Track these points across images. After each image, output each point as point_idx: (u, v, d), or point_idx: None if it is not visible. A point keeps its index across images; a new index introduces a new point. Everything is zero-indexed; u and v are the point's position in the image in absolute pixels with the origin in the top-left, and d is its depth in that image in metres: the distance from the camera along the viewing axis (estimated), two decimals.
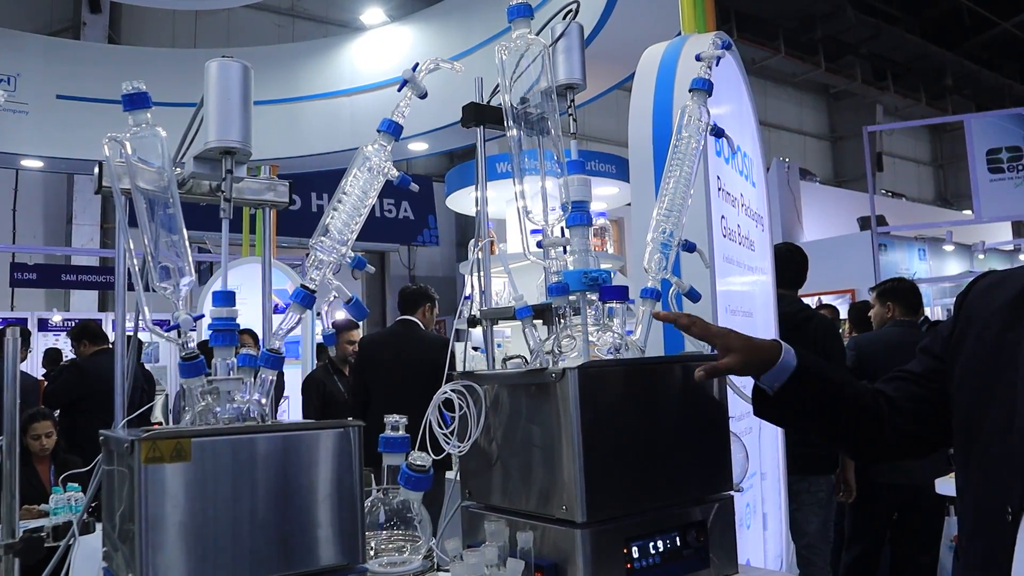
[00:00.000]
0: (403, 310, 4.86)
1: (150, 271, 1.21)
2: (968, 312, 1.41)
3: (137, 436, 1.08)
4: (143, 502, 1.08)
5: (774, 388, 1.46)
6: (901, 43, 20.97)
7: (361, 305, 1.36)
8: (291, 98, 8.22)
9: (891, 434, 1.45)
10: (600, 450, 1.47)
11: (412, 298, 4.88)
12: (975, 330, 1.37)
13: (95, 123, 7.43)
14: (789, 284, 3.89)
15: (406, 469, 1.34)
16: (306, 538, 1.18)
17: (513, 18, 1.78)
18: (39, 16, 13.27)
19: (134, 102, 1.24)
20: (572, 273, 1.70)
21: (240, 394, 1.26)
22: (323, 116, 8.08)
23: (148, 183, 1.21)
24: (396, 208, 16.72)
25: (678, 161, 1.81)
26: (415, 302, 4.85)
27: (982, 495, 1.28)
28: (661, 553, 1.56)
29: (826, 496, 3.73)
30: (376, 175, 1.40)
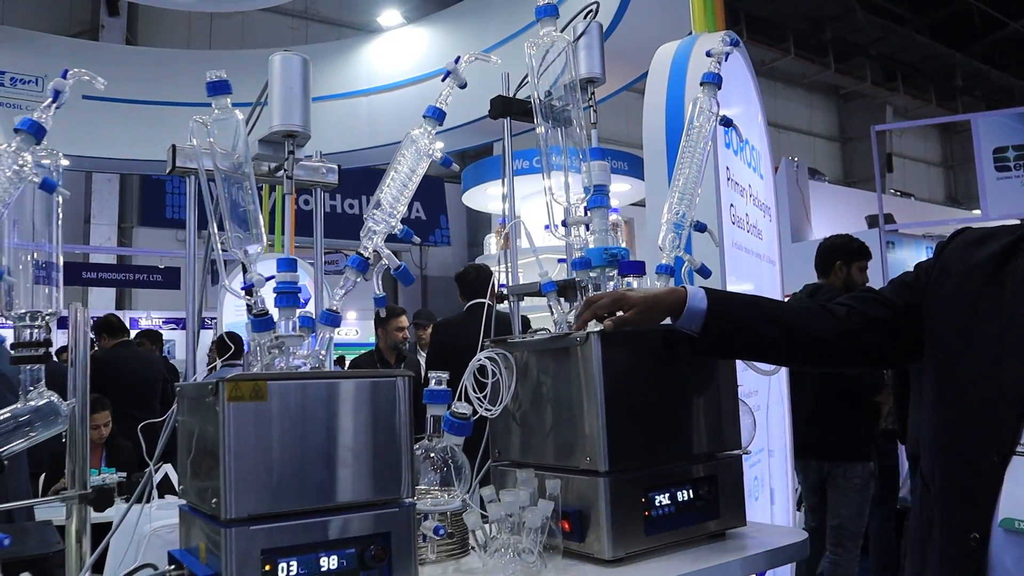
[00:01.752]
0: (471, 295, 4.64)
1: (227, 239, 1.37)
2: (947, 261, 1.55)
3: (221, 378, 1.24)
4: (227, 435, 1.24)
5: (694, 331, 1.62)
6: (911, 44, 21.06)
7: (408, 272, 1.52)
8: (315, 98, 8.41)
9: (846, 345, 1.60)
10: (620, 407, 1.62)
11: (478, 282, 4.64)
12: (954, 279, 1.51)
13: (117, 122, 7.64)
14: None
15: (449, 416, 1.50)
16: (361, 472, 1.34)
17: (540, 17, 1.94)
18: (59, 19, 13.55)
19: (217, 88, 1.40)
20: (594, 250, 1.86)
21: (301, 348, 1.42)
22: (341, 116, 8.27)
23: (224, 162, 1.37)
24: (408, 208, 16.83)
25: (690, 148, 1.96)
26: (484, 286, 4.60)
27: (962, 436, 1.41)
28: (675, 503, 1.71)
29: (861, 483, 3.84)
30: (421, 155, 1.56)
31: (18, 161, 1.33)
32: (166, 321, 13.60)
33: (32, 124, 1.38)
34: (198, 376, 1.68)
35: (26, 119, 1.39)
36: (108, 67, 8.55)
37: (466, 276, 4.74)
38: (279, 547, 1.25)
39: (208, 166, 1.41)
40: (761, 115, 3.41)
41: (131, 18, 14.31)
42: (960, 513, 1.38)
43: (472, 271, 4.79)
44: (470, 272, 4.77)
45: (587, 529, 1.61)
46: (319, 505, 1.30)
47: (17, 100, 7.73)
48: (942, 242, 1.62)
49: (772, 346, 1.69)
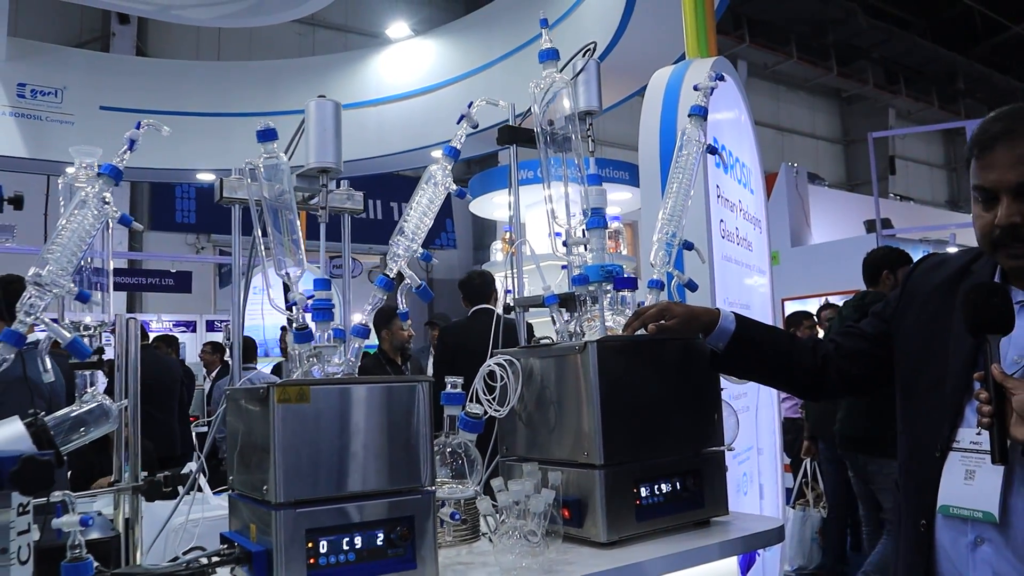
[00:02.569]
0: (475, 300, 4.86)
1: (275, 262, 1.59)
2: (912, 288, 1.77)
3: (273, 384, 1.46)
4: (276, 432, 1.46)
5: (720, 348, 1.90)
6: (913, 47, 21.22)
7: (428, 290, 1.74)
8: None
9: (835, 377, 1.85)
10: (614, 408, 1.84)
11: (483, 288, 4.88)
12: (918, 303, 1.73)
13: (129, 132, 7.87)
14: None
15: (464, 416, 1.72)
16: (389, 464, 1.56)
17: (543, 60, 2.15)
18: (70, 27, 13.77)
19: (266, 136, 1.63)
20: (592, 267, 2.08)
21: (335, 357, 1.64)
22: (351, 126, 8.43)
23: (272, 195, 1.59)
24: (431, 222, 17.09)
25: (678, 175, 2.18)
26: (488, 292, 4.86)
27: (916, 438, 1.64)
28: (663, 494, 1.92)
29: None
30: (439, 188, 1.79)
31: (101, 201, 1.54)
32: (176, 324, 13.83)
33: (112, 169, 1.60)
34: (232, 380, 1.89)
35: (107, 165, 1.61)
36: (122, 78, 8.80)
37: (471, 282, 4.97)
38: (320, 527, 1.47)
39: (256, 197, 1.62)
40: (752, 131, 3.62)
41: (141, 26, 14.55)
42: (914, 504, 1.59)
43: (476, 278, 5.03)
44: (474, 279, 5.01)
45: (585, 516, 1.83)
46: (353, 492, 1.52)
47: (37, 111, 7.98)
48: (908, 270, 1.84)
49: (775, 373, 1.98)
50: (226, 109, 8.43)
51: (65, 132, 8.00)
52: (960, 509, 1.47)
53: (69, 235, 1.52)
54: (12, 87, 7.89)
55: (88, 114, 8.13)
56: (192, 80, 8.88)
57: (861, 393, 1.99)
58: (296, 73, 8.97)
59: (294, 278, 1.61)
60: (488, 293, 4.86)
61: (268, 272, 1.57)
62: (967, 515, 1.46)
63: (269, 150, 1.61)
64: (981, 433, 1.45)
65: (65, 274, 1.50)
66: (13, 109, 7.86)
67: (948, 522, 1.50)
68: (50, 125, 7.94)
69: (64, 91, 8.08)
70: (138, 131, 1.63)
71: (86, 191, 1.55)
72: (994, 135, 1.48)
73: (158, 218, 15.36)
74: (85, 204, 1.53)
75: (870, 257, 4.71)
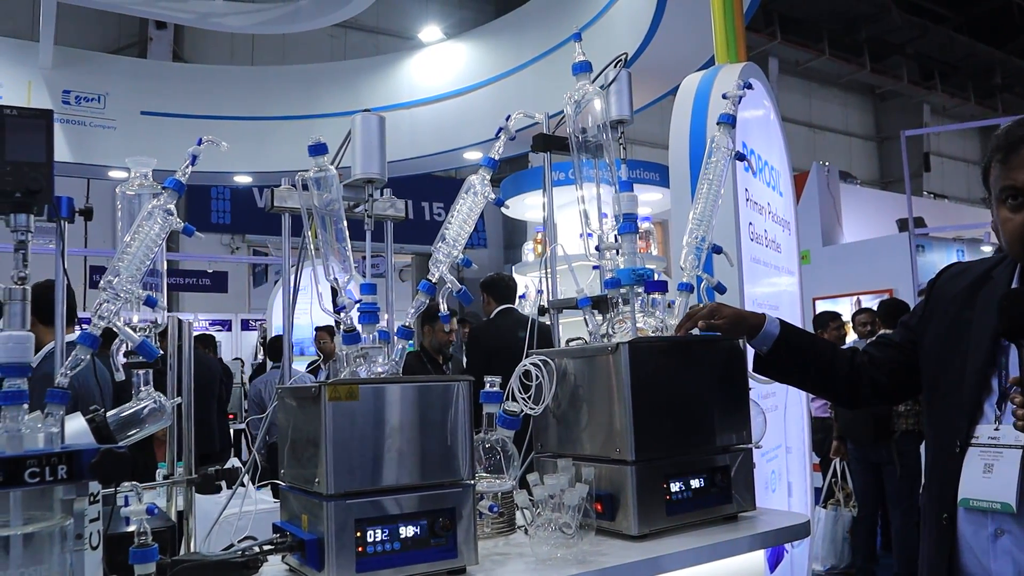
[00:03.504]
0: (503, 301, 5.11)
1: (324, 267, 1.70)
2: (937, 295, 1.84)
3: (324, 383, 1.56)
4: (327, 428, 1.56)
5: (763, 351, 1.97)
6: (948, 42, 20.92)
7: (468, 294, 1.83)
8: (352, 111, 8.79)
9: (868, 386, 1.92)
10: (645, 406, 1.92)
11: (509, 290, 5.21)
12: (940, 309, 1.80)
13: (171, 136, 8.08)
14: None
15: (502, 413, 1.81)
16: (433, 459, 1.66)
17: (576, 72, 2.24)
18: (109, 33, 14.09)
19: (317, 150, 1.74)
20: (623, 271, 2.16)
21: (380, 357, 1.74)
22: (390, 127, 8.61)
23: (323, 205, 1.70)
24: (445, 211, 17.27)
25: (707, 181, 2.25)
26: (512, 293, 5.21)
27: (938, 436, 1.70)
28: (693, 489, 2.00)
29: None
30: (479, 198, 1.88)
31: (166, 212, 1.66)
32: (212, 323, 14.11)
33: (176, 183, 1.71)
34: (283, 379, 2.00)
35: (171, 179, 1.72)
36: (161, 83, 9.02)
37: (502, 283, 5.25)
38: (368, 517, 1.57)
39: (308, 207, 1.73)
40: (781, 134, 3.67)
41: (177, 31, 14.85)
42: (936, 498, 1.66)
43: (507, 279, 5.31)
44: (506, 280, 5.30)
45: (617, 510, 1.91)
46: (398, 484, 1.62)
47: (82, 117, 8.21)
48: (932, 279, 1.90)
49: (815, 379, 2.06)
50: (262, 113, 8.60)
51: (108, 137, 8.22)
52: (979, 501, 1.53)
53: (138, 245, 1.63)
54: (58, 94, 8.14)
55: (129, 119, 8.34)
56: (229, 84, 9.06)
57: (892, 401, 2.08)
58: (330, 77, 9.13)
59: (343, 283, 1.70)
60: (512, 295, 5.18)
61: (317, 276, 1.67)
62: (986, 507, 1.52)
63: (320, 163, 1.72)
64: (999, 428, 1.52)
65: (135, 281, 1.61)
66: (59, 116, 8.10)
67: (969, 515, 1.57)
68: (93, 131, 8.17)
69: (106, 97, 8.31)
70: (200, 147, 1.74)
71: (153, 204, 1.66)
72: (1022, 136, 1.54)
73: (194, 219, 15.65)
74: (151, 216, 1.65)
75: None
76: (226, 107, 8.67)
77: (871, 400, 1.97)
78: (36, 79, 8.03)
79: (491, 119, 4.36)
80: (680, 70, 3.02)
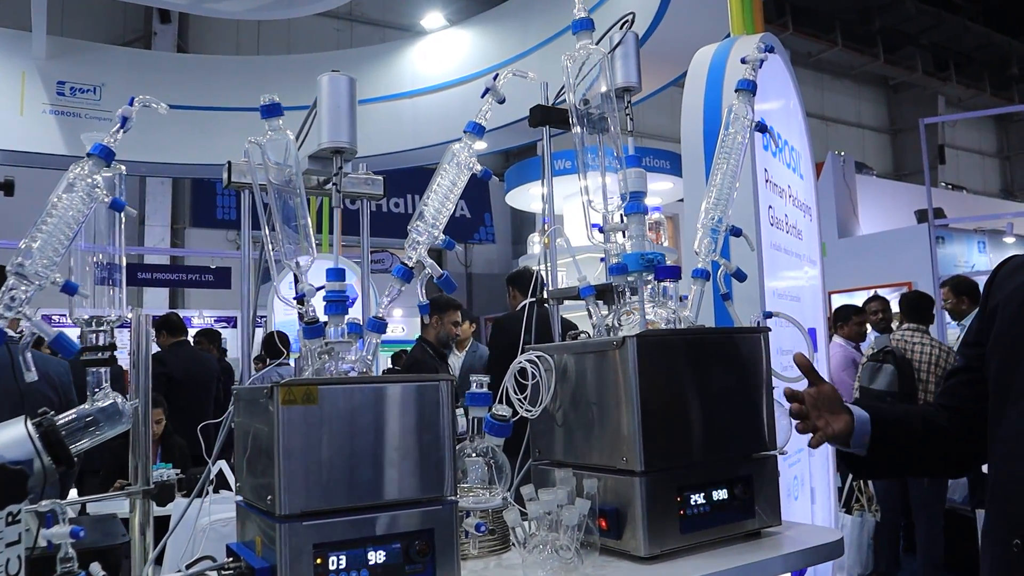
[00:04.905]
0: (528, 293, 4.81)
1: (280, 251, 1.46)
2: (995, 294, 1.58)
3: (277, 383, 1.32)
4: (280, 437, 1.32)
5: (862, 453, 1.61)
6: (963, 32, 20.55)
7: (451, 280, 1.59)
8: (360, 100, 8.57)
9: (966, 442, 1.59)
10: (656, 408, 1.68)
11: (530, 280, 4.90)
12: (1001, 308, 1.53)
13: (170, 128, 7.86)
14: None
15: (490, 419, 1.57)
16: (406, 471, 1.42)
17: (577, 31, 1.99)
18: (114, 27, 13.96)
19: (270, 111, 1.49)
20: (631, 255, 1.91)
21: (349, 354, 1.50)
22: (386, 118, 8.38)
23: (278, 178, 1.46)
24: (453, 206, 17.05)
25: (725, 155, 2.00)
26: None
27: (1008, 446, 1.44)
28: (710, 503, 1.75)
29: None
30: (462, 168, 1.63)
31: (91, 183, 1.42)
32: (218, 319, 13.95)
33: (103, 149, 1.48)
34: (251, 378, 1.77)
35: (97, 144, 1.49)
36: (161, 74, 8.79)
37: (525, 277, 4.85)
38: (330, 542, 1.33)
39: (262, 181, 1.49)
40: (802, 115, 3.41)
41: (182, 25, 14.69)
42: (1004, 520, 1.41)
43: (528, 273, 4.89)
44: (530, 273, 4.92)
45: (624, 527, 1.67)
46: (367, 502, 1.38)
47: (76, 109, 7.99)
48: (988, 279, 1.64)
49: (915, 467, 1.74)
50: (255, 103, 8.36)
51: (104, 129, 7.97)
52: None
53: (55, 223, 1.39)
54: (52, 85, 7.92)
55: None
56: (229, 75, 8.83)
57: None
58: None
59: (304, 268, 1.47)
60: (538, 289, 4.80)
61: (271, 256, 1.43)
62: None
63: (274, 127, 1.47)
64: None
65: (51, 264, 1.38)
66: (53, 107, 7.90)
67: None
68: (89, 122, 7.96)
69: (102, 88, 8.09)
70: (131, 107, 1.51)
71: (74, 172, 1.42)
72: None
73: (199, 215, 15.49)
74: (73, 188, 1.41)
75: None
76: (227, 98, 8.44)
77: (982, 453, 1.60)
78: (30, 70, 7.82)
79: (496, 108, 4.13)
80: (692, 53, 2.78)
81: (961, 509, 5.39)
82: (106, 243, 1.87)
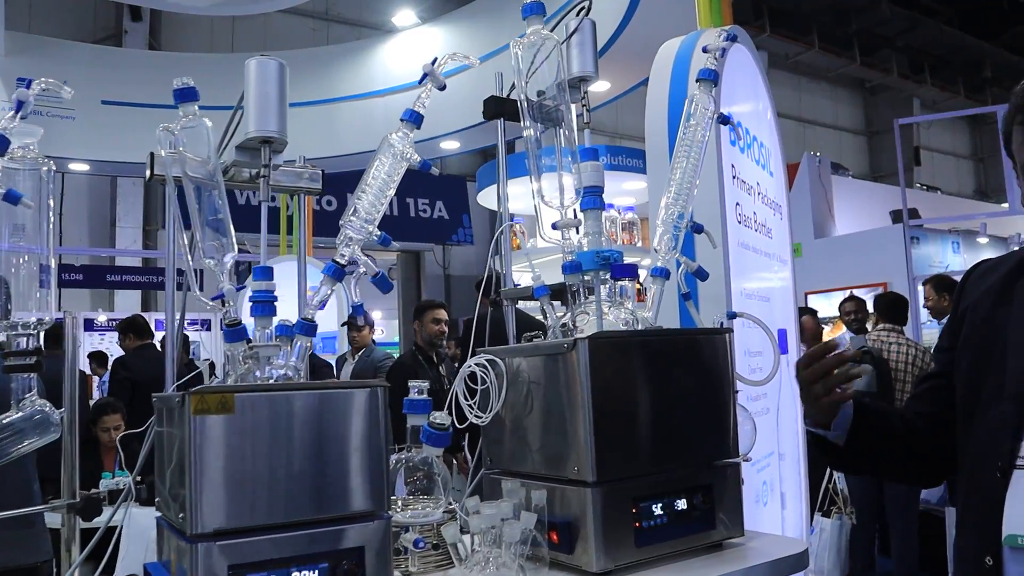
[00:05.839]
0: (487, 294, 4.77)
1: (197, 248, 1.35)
2: (965, 298, 1.51)
3: (187, 392, 1.22)
4: (192, 449, 1.21)
5: (840, 440, 1.53)
6: (938, 35, 20.67)
7: (387, 279, 1.49)
8: (326, 99, 8.41)
9: (941, 447, 1.50)
10: (609, 415, 1.58)
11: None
12: (970, 313, 1.46)
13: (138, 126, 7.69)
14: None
15: (427, 427, 1.47)
16: (335, 486, 1.31)
17: (527, 15, 1.89)
18: (84, 26, 13.70)
19: (184, 96, 1.38)
20: (585, 253, 1.81)
21: (278, 359, 1.40)
22: (357, 116, 8.25)
23: (196, 170, 1.35)
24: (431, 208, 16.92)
25: (685, 148, 1.91)
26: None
27: (976, 458, 1.36)
28: (668, 514, 1.66)
29: None
30: (399, 160, 1.53)
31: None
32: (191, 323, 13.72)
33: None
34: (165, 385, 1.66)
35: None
36: (130, 71, 8.61)
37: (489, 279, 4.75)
38: (248, 562, 1.23)
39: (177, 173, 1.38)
40: (771, 111, 3.34)
41: (154, 23, 14.45)
42: (976, 537, 1.33)
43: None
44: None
45: (575, 541, 1.57)
46: (290, 519, 1.27)
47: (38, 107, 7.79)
48: (960, 283, 1.57)
49: (892, 465, 1.63)
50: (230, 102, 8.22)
51: (66, 127, 7.81)
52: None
53: None
54: (12, 82, 7.73)
55: (90, 109, 7.94)
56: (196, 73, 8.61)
57: None
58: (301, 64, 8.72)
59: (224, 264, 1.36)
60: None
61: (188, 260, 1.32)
62: None
63: (189, 112, 1.36)
64: None
65: None
66: None
67: (1017, 555, 1.23)
68: (50, 120, 7.76)
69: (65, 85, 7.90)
70: (27, 91, 1.39)
71: None
72: None
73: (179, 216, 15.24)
74: None
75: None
76: None
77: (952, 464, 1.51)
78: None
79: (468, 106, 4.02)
80: None
81: (936, 510, 5.34)
82: (36, 243, 1.76)
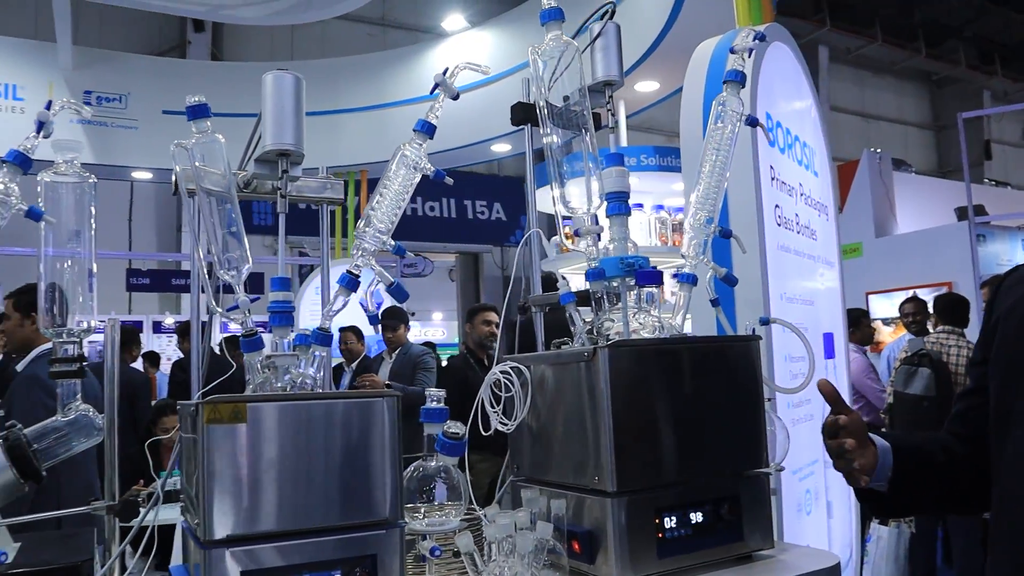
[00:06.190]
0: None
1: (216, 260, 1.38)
2: (998, 306, 1.44)
3: (202, 401, 1.24)
4: (206, 457, 1.24)
5: (883, 488, 1.47)
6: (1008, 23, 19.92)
7: (402, 288, 1.50)
8: (379, 104, 8.53)
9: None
10: (630, 424, 1.56)
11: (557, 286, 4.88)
12: (1003, 322, 1.39)
13: None
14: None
15: (442, 436, 1.47)
16: (347, 494, 1.32)
17: (545, 21, 1.89)
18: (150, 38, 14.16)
19: (196, 112, 1.41)
20: (609, 260, 1.80)
21: (295, 368, 1.42)
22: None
23: (212, 184, 1.38)
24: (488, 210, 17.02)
25: (713, 150, 1.88)
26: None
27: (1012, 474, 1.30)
28: (693, 525, 1.63)
29: None
30: (412, 170, 1.54)
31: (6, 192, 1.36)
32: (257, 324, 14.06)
33: (18, 156, 1.41)
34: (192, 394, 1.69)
35: (12, 151, 1.42)
36: (190, 81, 8.87)
37: (547, 281, 4.76)
38: (259, 569, 1.25)
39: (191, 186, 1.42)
40: (816, 109, 3.26)
41: (216, 34, 14.84)
42: (1009, 566, 1.28)
43: (550, 278, 4.81)
44: (552, 278, 4.83)
45: (597, 551, 1.56)
46: (302, 527, 1.29)
47: (103, 118, 8.10)
48: (993, 290, 1.50)
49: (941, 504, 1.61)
50: None
51: (129, 137, 8.09)
52: None
53: None
54: (79, 96, 8.03)
55: (151, 118, 8.20)
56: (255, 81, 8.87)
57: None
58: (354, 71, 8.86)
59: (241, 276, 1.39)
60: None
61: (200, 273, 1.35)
62: None
63: (202, 129, 1.39)
64: None
65: None
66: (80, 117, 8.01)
67: None
68: (115, 131, 8.05)
69: (128, 97, 8.18)
70: (48, 112, 1.44)
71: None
72: None
73: None
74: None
75: None
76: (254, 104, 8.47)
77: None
78: (57, 80, 7.94)
79: None
80: None
81: None
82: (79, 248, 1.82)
